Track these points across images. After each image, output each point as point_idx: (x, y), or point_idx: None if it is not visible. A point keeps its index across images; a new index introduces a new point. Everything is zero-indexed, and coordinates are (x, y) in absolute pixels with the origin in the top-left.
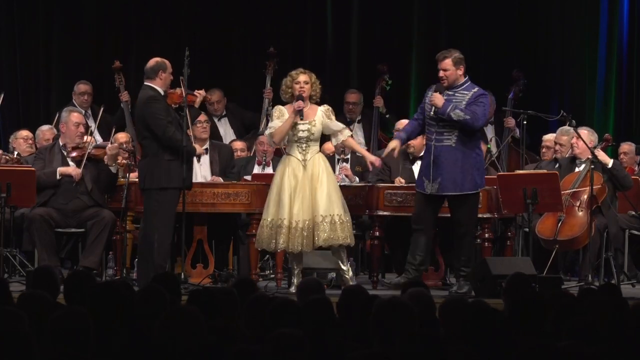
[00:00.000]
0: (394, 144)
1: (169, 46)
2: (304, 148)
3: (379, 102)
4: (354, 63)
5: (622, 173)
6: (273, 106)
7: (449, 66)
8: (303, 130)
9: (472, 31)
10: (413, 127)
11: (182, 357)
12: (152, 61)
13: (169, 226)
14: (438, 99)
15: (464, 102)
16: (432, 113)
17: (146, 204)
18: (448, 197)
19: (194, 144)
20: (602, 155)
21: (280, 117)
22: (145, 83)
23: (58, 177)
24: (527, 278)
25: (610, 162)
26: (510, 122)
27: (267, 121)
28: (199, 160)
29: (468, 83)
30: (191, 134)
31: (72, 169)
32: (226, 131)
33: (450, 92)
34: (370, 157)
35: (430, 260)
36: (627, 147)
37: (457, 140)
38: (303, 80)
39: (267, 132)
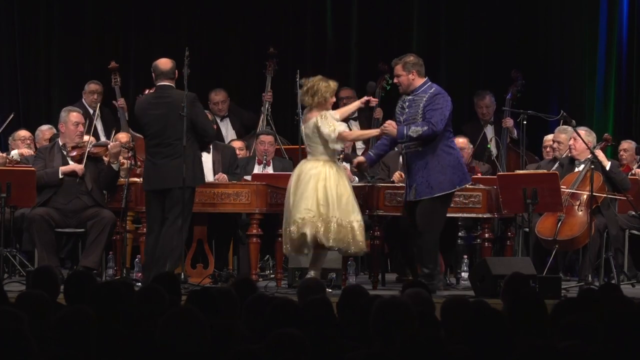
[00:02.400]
0: (360, 159)
1: (169, 46)
2: None
3: (379, 114)
4: (354, 63)
5: (620, 176)
6: (272, 109)
7: (400, 72)
8: None
9: (472, 31)
10: (383, 147)
11: (184, 357)
12: (169, 62)
13: (187, 227)
14: (390, 128)
15: (421, 104)
16: (401, 118)
17: (172, 203)
18: (421, 200)
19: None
20: (600, 157)
21: (338, 120)
22: (166, 83)
23: (60, 176)
24: (525, 278)
25: (607, 165)
26: (508, 122)
27: (267, 123)
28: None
29: (427, 85)
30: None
31: (74, 165)
32: (228, 132)
33: (410, 97)
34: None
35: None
36: (627, 144)
37: (424, 144)
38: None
39: (337, 131)
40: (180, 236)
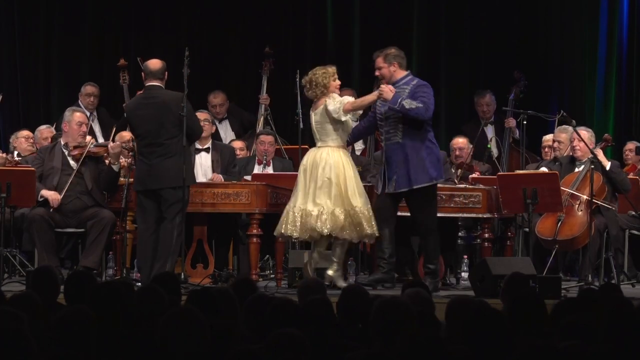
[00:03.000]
0: None
1: (169, 46)
2: None
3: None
4: (355, 63)
5: (620, 176)
6: (272, 109)
7: (381, 64)
8: None
9: (472, 31)
10: (358, 131)
11: (184, 357)
12: (158, 62)
13: (183, 223)
14: (387, 91)
15: (404, 96)
16: (382, 109)
17: (169, 202)
18: (405, 195)
19: None
20: (600, 157)
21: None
22: (155, 83)
23: (39, 198)
24: (525, 278)
25: (607, 165)
26: (511, 122)
27: (264, 124)
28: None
29: (408, 77)
30: None
31: (51, 194)
32: (226, 133)
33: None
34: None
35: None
36: (632, 145)
37: (404, 136)
38: None
39: (342, 102)
40: (180, 235)
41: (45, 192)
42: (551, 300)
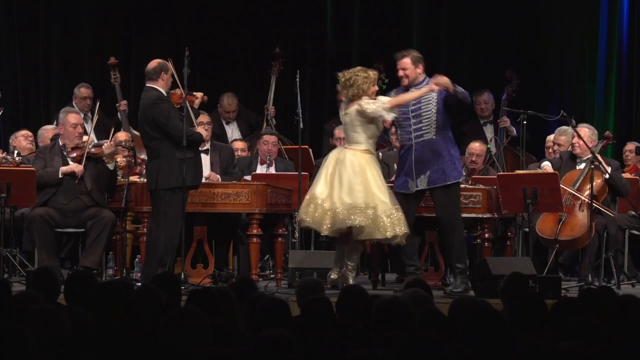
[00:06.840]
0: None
1: (169, 46)
2: None
3: None
4: (355, 63)
5: (621, 182)
6: (275, 119)
7: (408, 65)
8: None
9: (472, 31)
10: None
11: (186, 357)
12: (154, 62)
13: (178, 226)
14: (446, 79)
15: (434, 95)
16: (412, 107)
17: (155, 204)
18: (434, 191)
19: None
20: (603, 164)
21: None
22: (148, 85)
23: (60, 175)
24: (524, 278)
25: (607, 173)
26: (504, 121)
27: (267, 125)
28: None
29: (426, 80)
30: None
31: (74, 166)
32: (234, 134)
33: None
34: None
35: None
36: (632, 145)
37: (437, 132)
38: None
39: (384, 101)
40: (163, 234)
41: (64, 168)
42: (551, 300)
